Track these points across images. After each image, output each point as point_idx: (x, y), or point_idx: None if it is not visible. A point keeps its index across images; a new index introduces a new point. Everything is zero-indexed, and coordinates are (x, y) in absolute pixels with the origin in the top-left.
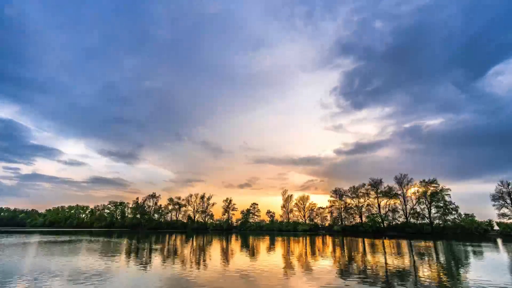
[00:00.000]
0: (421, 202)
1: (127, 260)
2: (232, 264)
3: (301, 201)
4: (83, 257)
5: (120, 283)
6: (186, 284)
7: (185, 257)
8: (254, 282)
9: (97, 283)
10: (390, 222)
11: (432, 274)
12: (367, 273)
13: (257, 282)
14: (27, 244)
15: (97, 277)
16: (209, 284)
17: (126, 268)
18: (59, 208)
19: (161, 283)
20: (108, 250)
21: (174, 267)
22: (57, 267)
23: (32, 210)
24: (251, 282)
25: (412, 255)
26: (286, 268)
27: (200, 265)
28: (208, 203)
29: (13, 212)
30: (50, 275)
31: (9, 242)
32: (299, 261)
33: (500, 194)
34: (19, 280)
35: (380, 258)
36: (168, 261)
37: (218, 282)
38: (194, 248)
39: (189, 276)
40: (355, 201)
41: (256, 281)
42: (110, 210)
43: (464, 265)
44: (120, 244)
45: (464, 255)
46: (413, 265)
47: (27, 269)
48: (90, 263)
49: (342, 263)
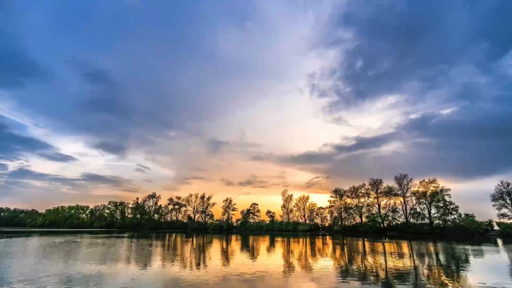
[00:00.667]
0: (421, 202)
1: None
2: (231, 267)
3: (301, 201)
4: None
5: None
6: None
7: (184, 258)
8: (254, 284)
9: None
10: (390, 222)
11: (432, 275)
12: (367, 275)
13: (256, 284)
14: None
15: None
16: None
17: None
18: (59, 208)
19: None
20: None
21: (173, 269)
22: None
23: (32, 210)
24: (250, 285)
25: (412, 255)
26: (285, 271)
27: (199, 267)
28: (208, 203)
29: (13, 212)
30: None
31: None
32: (299, 264)
33: (500, 194)
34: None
35: (380, 259)
36: (167, 262)
37: (215, 285)
38: (193, 249)
39: (187, 279)
40: (355, 201)
41: (255, 284)
42: (110, 210)
43: (464, 266)
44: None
45: (464, 255)
46: (413, 266)
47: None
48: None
49: (342, 265)
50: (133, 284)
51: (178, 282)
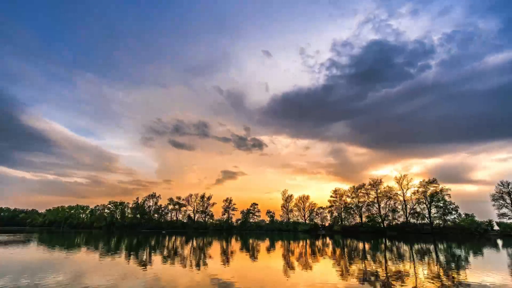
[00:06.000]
0: (421, 202)
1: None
2: (232, 267)
3: (301, 201)
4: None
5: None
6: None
7: (184, 259)
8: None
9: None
10: (390, 222)
11: (432, 275)
12: (367, 275)
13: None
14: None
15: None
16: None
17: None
18: (59, 208)
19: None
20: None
21: (173, 269)
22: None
23: (32, 210)
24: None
25: (412, 255)
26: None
27: (199, 268)
28: (208, 203)
29: (13, 212)
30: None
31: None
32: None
33: (500, 194)
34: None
35: (379, 259)
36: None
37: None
38: (192, 252)
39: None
40: (355, 201)
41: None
42: (110, 210)
43: (464, 266)
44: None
45: (464, 255)
46: (413, 266)
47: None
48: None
49: (341, 265)
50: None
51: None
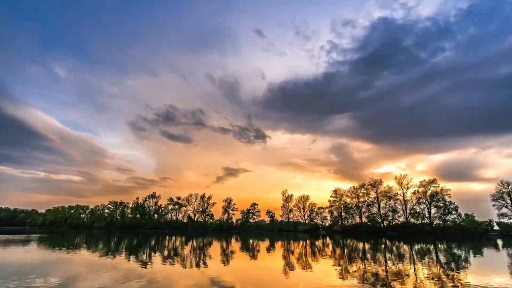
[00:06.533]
0: (421, 202)
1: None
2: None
3: (301, 201)
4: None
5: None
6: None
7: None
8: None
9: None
10: (390, 222)
11: (432, 275)
12: (367, 275)
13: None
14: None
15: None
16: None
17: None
18: (59, 208)
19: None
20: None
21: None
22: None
23: (32, 210)
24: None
25: (412, 256)
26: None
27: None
28: (208, 203)
29: (13, 212)
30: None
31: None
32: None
33: (500, 194)
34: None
35: (379, 259)
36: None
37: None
38: (192, 252)
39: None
40: (355, 201)
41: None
42: (110, 210)
43: (464, 266)
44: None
45: (464, 255)
46: (413, 266)
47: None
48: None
49: (341, 265)
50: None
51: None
